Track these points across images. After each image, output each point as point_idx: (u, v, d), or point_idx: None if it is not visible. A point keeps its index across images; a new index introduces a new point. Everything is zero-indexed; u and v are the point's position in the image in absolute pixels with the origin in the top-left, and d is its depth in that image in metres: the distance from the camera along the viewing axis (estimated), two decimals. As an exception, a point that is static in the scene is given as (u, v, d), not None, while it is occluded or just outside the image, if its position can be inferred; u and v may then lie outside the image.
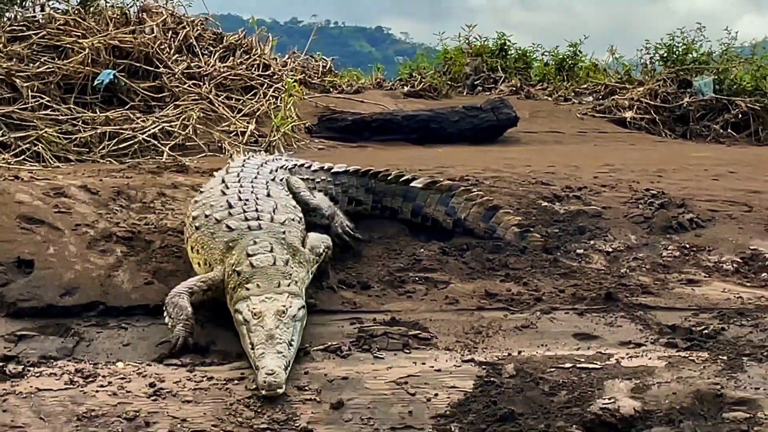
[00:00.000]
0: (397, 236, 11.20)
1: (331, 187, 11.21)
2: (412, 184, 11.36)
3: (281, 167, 10.77)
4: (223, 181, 9.86)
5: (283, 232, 8.97)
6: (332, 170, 11.42)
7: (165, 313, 8.61)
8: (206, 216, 9.21)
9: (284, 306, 8.06)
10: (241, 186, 9.70)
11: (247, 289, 8.29)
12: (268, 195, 9.58)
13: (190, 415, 7.62)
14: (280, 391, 7.42)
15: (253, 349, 7.73)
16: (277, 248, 8.69)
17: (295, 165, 11.21)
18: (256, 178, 10.00)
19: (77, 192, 11.15)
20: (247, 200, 9.35)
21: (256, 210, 9.18)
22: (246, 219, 9.03)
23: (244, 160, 10.70)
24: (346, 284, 9.97)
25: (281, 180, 10.39)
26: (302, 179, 10.87)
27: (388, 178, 11.41)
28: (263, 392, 7.40)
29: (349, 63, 29.09)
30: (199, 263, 9.22)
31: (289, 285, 8.39)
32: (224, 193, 9.54)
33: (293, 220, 9.40)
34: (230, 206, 9.22)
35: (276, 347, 7.66)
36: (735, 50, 23.41)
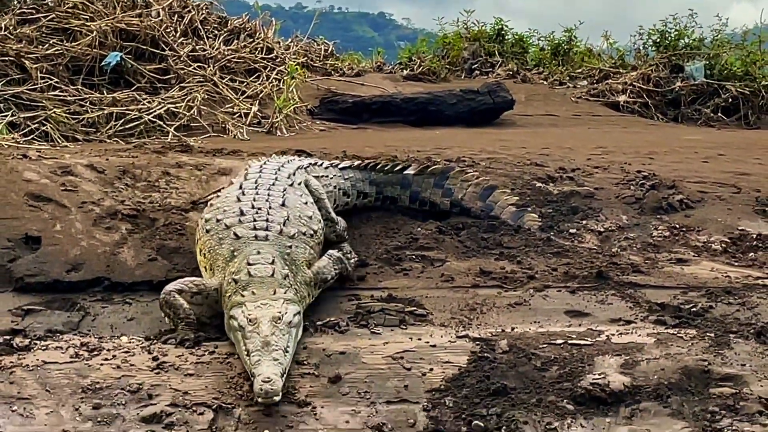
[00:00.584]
0: (394, 215, 11.14)
1: (343, 182, 10.99)
2: (406, 172, 11.25)
3: (299, 168, 10.38)
4: (241, 187, 9.47)
5: (290, 247, 8.64)
6: (339, 166, 11.19)
7: (164, 315, 8.47)
8: (217, 220, 8.88)
9: (280, 312, 7.77)
10: (257, 193, 9.27)
11: (243, 296, 8.01)
12: (283, 204, 9.11)
13: (192, 387, 7.65)
14: (276, 398, 7.16)
15: (248, 355, 7.45)
16: (279, 262, 8.36)
17: (309, 164, 10.85)
18: (273, 184, 9.54)
19: (84, 171, 11.11)
20: (259, 209, 8.93)
21: (267, 220, 8.78)
22: (254, 228, 8.67)
23: (262, 165, 10.23)
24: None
25: (299, 183, 9.92)
26: (316, 177, 10.56)
27: (386, 168, 11.27)
28: (259, 400, 7.14)
29: (351, 48, 29.05)
30: (205, 267, 8.92)
31: (285, 292, 8.10)
32: (239, 200, 9.14)
33: (304, 234, 8.96)
34: (242, 213, 8.85)
35: (272, 354, 7.39)
36: (726, 36, 23.36)
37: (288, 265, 8.41)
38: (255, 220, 8.73)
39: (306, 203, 9.49)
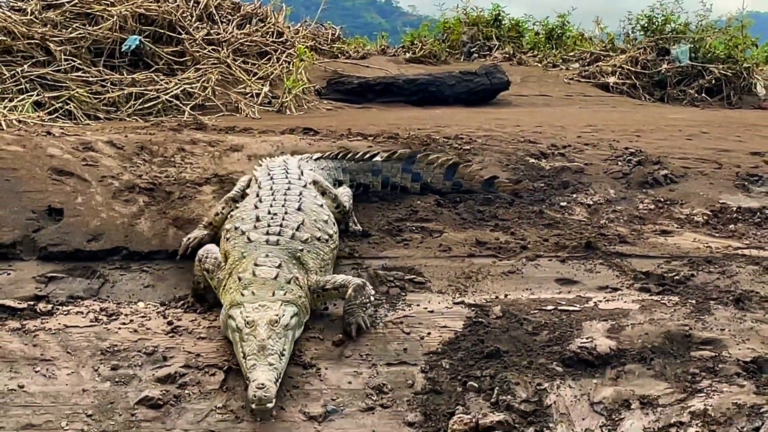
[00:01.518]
0: (395, 189, 11.15)
1: (320, 172, 10.56)
2: (374, 159, 11.08)
3: (308, 168, 10.13)
4: (258, 196, 9.10)
5: (301, 250, 8.26)
6: (314, 158, 10.83)
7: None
8: (236, 228, 8.58)
9: (277, 315, 7.42)
10: (274, 199, 8.92)
11: (242, 294, 7.68)
12: (299, 209, 8.76)
13: (204, 350, 7.72)
14: (270, 405, 6.81)
15: (245, 358, 7.15)
16: (285, 266, 8.00)
17: (301, 159, 10.61)
18: (289, 189, 9.17)
19: (104, 147, 11.11)
20: (275, 214, 8.60)
21: (280, 225, 8.43)
22: (267, 233, 8.33)
23: (270, 170, 9.84)
24: (348, 233, 9.94)
25: (312, 184, 9.59)
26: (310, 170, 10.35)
27: (356, 157, 11.08)
28: (253, 406, 6.82)
29: (360, 33, 28.92)
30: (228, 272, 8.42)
31: (284, 294, 7.71)
32: (257, 207, 8.81)
33: (318, 239, 8.56)
34: (258, 219, 8.55)
35: (268, 359, 7.08)
36: (710, 22, 23.30)
37: (298, 268, 8.10)
38: (269, 225, 8.44)
39: (321, 206, 9.18)
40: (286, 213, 8.62)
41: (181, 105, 15.04)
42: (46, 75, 14.90)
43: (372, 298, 8.17)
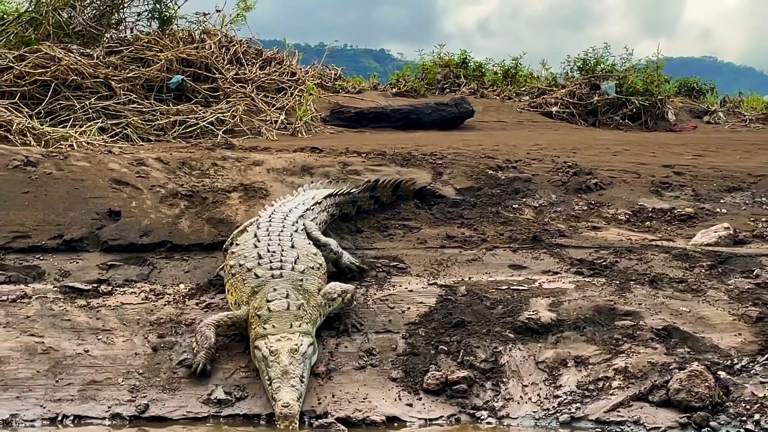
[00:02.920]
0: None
1: (325, 212, 9.79)
2: (352, 191, 10.24)
3: (299, 216, 9.02)
4: (256, 236, 8.32)
5: (301, 280, 7.68)
6: (316, 201, 9.67)
7: (193, 339, 7.43)
8: (240, 265, 7.90)
9: (296, 345, 6.98)
10: (270, 239, 8.23)
11: (264, 328, 7.15)
12: (292, 246, 8.13)
13: (231, 322, 7.63)
14: (296, 422, 6.52)
15: (270, 382, 6.77)
16: (292, 295, 7.46)
17: (304, 211, 9.36)
18: (282, 231, 8.45)
19: (153, 162, 11.07)
20: (274, 252, 7.99)
21: (281, 260, 7.86)
22: (271, 269, 7.75)
23: (270, 216, 8.91)
24: (345, 231, 9.91)
25: (302, 228, 8.76)
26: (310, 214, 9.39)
27: (343, 194, 10.17)
28: (279, 423, 6.53)
29: (357, 74, 28.79)
30: (231, 302, 7.91)
31: (300, 326, 7.21)
32: (256, 246, 8.13)
33: (312, 268, 7.96)
34: (260, 257, 7.92)
35: (290, 381, 6.72)
36: (632, 63, 23.23)
37: (302, 294, 7.55)
38: (271, 261, 7.86)
39: (310, 243, 8.50)
40: (282, 250, 8.04)
41: (215, 130, 15.00)
42: (108, 106, 14.87)
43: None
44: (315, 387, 7.04)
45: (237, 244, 8.32)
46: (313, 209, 9.36)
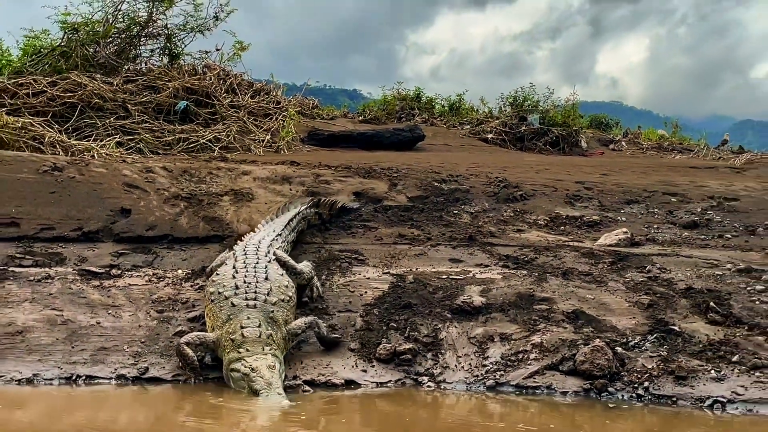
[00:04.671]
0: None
1: (289, 232, 9.15)
2: (301, 209, 9.54)
3: (269, 247, 8.16)
4: (234, 267, 7.47)
5: (272, 312, 6.93)
6: (280, 229, 8.93)
7: (179, 359, 6.81)
8: (219, 293, 7.09)
9: (272, 363, 6.44)
10: (246, 271, 7.38)
11: (239, 352, 6.51)
12: (266, 279, 7.30)
13: (219, 301, 7.50)
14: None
15: (257, 395, 6.23)
16: (264, 325, 6.76)
17: (273, 238, 8.63)
18: (258, 263, 7.57)
19: (159, 170, 10.93)
20: (249, 283, 7.17)
21: (255, 292, 7.08)
22: (246, 299, 6.99)
23: (245, 249, 7.99)
24: (315, 229, 9.80)
25: (275, 258, 7.91)
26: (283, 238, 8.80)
27: (296, 215, 9.41)
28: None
29: (331, 105, 28.75)
30: (208, 326, 7.13)
31: (271, 349, 6.59)
32: (234, 277, 7.28)
33: (283, 300, 7.17)
34: (237, 287, 7.10)
35: (276, 390, 6.23)
36: (553, 100, 23.32)
37: (271, 325, 6.83)
38: (246, 292, 7.06)
39: (282, 275, 7.59)
40: (257, 282, 7.22)
41: (212, 146, 14.78)
42: (125, 125, 14.64)
43: (322, 327, 7.16)
44: (286, 355, 6.91)
45: (217, 274, 7.50)
46: (277, 239, 8.55)
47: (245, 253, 7.81)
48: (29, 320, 7.21)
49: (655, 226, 10.66)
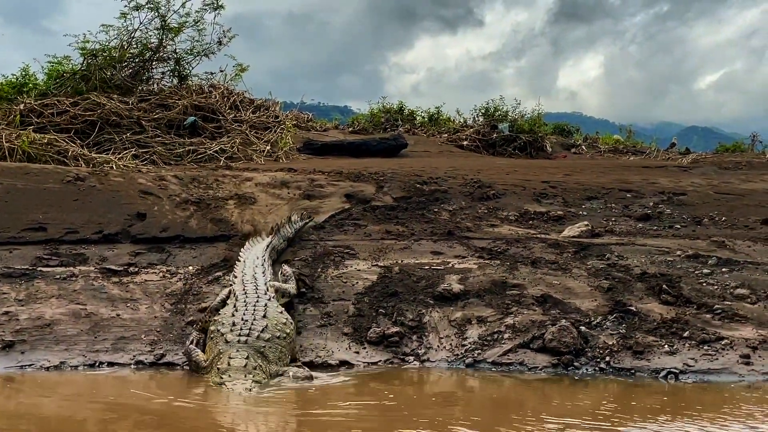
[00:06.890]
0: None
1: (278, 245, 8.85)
2: (283, 228, 9.06)
3: (267, 282, 7.47)
4: (235, 306, 6.88)
5: (263, 347, 6.34)
6: (269, 245, 8.55)
7: (186, 358, 6.62)
8: (217, 330, 6.53)
9: (249, 386, 5.91)
10: (246, 309, 6.77)
11: (221, 378, 5.99)
12: (264, 316, 6.70)
13: (226, 293, 7.43)
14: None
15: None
16: (252, 358, 6.21)
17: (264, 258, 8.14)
18: (257, 301, 6.94)
19: (171, 178, 10.87)
20: (246, 320, 6.60)
21: (250, 329, 6.48)
22: (239, 335, 6.41)
23: (244, 287, 7.27)
24: (311, 227, 9.76)
25: (274, 292, 7.35)
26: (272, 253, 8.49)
27: (280, 232, 9.02)
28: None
29: (324, 118, 28.66)
30: (203, 358, 6.48)
31: (253, 376, 6.06)
32: (233, 315, 6.71)
33: (277, 338, 6.53)
34: (233, 324, 6.56)
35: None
36: (520, 110, 23.28)
37: (261, 359, 6.29)
38: (241, 329, 6.50)
39: (281, 312, 6.96)
40: (254, 320, 6.68)
41: (218, 156, 14.68)
42: (140, 140, 14.52)
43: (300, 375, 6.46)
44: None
45: (219, 313, 6.90)
46: (263, 264, 7.91)
47: (245, 293, 7.17)
48: (56, 314, 7.14)
49: (613, 219, 10.66)
